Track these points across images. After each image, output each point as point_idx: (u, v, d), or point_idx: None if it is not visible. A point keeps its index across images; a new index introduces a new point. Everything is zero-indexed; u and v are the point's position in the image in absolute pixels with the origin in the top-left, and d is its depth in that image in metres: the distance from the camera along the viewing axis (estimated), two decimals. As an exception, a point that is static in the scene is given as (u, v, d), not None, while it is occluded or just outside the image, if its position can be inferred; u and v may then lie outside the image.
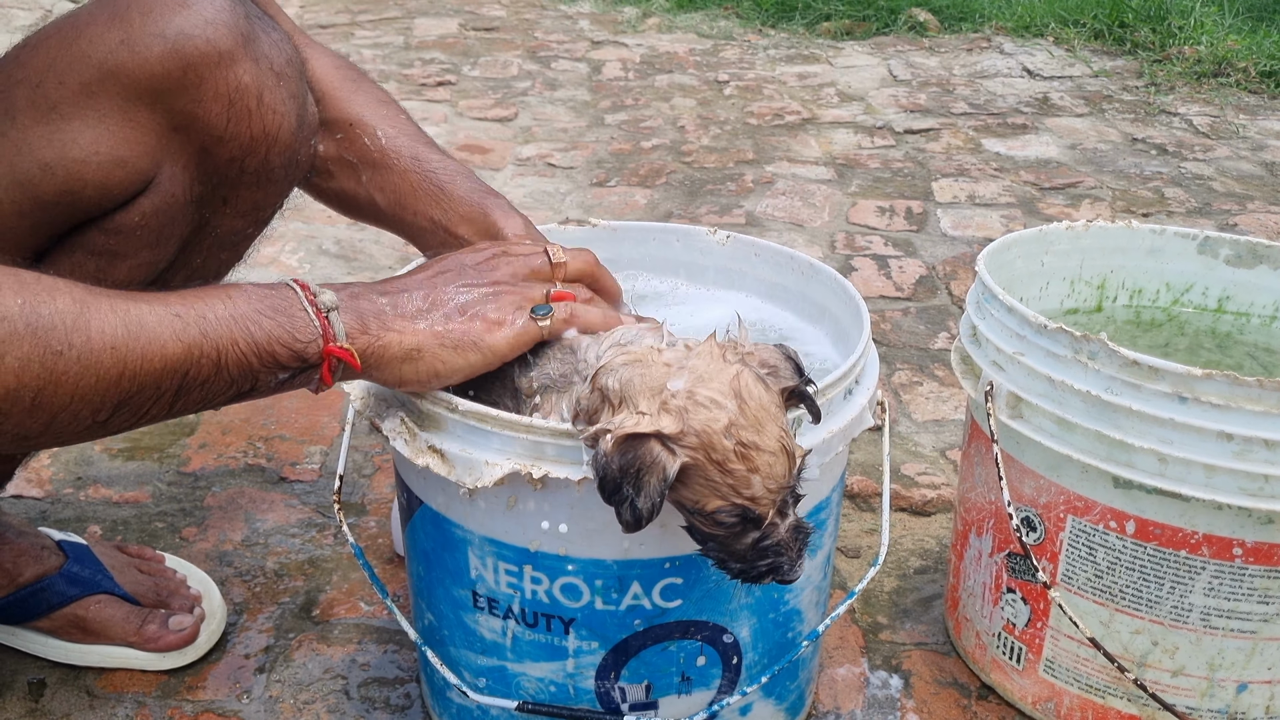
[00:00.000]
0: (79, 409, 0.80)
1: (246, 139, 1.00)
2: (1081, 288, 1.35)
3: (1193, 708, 1.11)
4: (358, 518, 1.51)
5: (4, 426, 0.78)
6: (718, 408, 0.82)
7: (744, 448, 0.81)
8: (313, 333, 0.87)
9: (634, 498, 0.81)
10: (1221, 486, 0.99)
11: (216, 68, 0.96)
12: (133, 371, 0.81)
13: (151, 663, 1.24)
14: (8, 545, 1.22)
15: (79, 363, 0.78)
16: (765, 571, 0.85)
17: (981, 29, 4.32)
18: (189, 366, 0.83)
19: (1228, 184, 2.84)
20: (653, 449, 0.81)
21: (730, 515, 0.83)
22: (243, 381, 0.86)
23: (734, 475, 0.81)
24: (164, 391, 0.83)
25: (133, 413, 0.83)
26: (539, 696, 1.03)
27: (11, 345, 0.76)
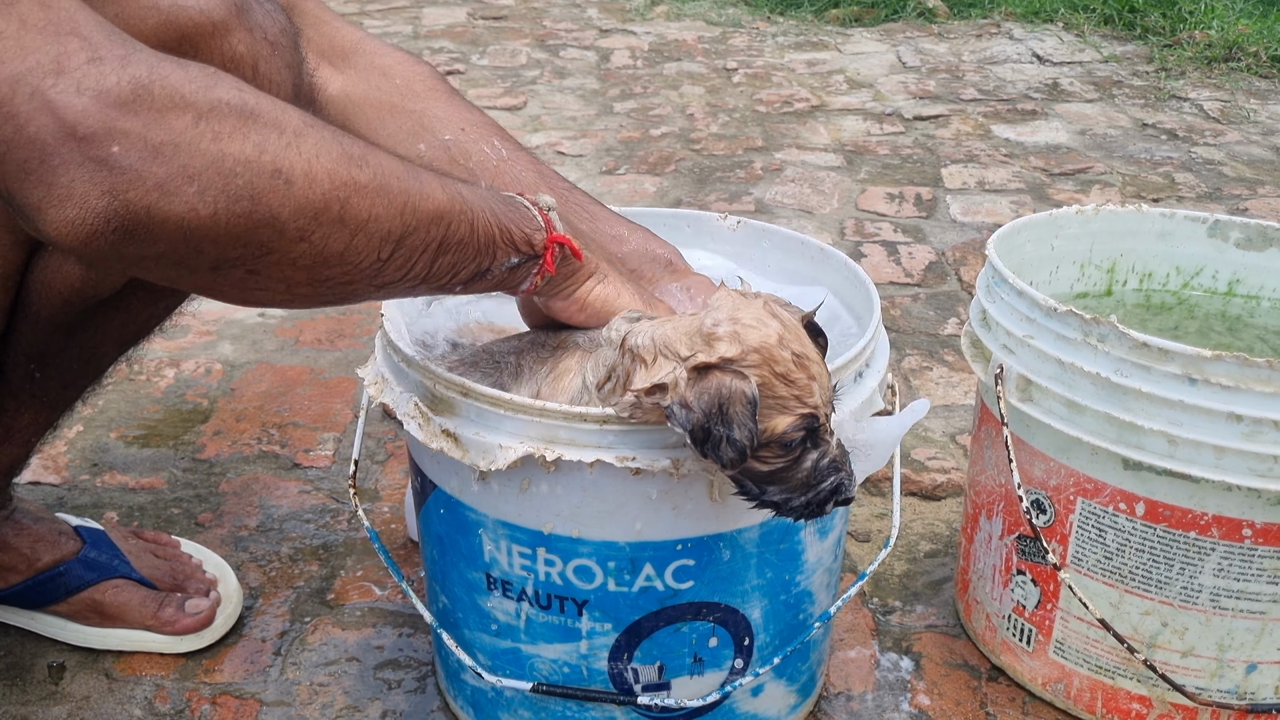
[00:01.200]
0: (373, 232, 0.79)
1: None
2: (1091, 272, 1.35)
3: (1202, 688, 1.11)
4: (371, 503, 1.52)
5: (315, 236, 0.75)
6: (765, 325, 0.84)
7: (799, 358, 0.83)
8: (537, 223, 0.91)
9: (728, 433, 0.81)
10: (1231, 467, 1.00)
11: (211, 38, 0.96)
12: (413, 205, 0.81)
13: (169, 646, 1.25)
14: (26, 531, 1.24)
15: (374, 180, 0.78)
16: (830, 493, 0.87)
17: (990, 15, 4.31)
18: (451, 219, 0.84)
19: (1238, 169, 2.84)
20: (725, 379, 0.82)
21: (798, 430, 0.84)
22: (485, 255, 0.88)
23: (797, 385, 0.83)
24: (431, 240, 0.83)
25: (406, 258, 0.82)
26: (552, 678, 1.04)
27: (324, 148, 0.76)
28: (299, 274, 0.77)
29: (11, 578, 1.23)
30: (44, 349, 1.12)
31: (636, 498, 0.93)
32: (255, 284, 0.77)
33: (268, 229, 0.73)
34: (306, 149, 0.75)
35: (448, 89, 1.16)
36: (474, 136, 1.13)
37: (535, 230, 0.91)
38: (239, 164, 0.71)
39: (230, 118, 0.71)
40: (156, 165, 0.68)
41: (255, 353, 1.91)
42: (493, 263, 0.89)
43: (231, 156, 0.71)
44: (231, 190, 0.71)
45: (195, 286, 0.79)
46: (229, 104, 0.71)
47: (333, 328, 1.99)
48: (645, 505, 0.94)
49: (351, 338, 1.96)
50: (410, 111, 1.13)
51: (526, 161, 1.14)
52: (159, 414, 1.73)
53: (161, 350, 1.91)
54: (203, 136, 0.70)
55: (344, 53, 1.16)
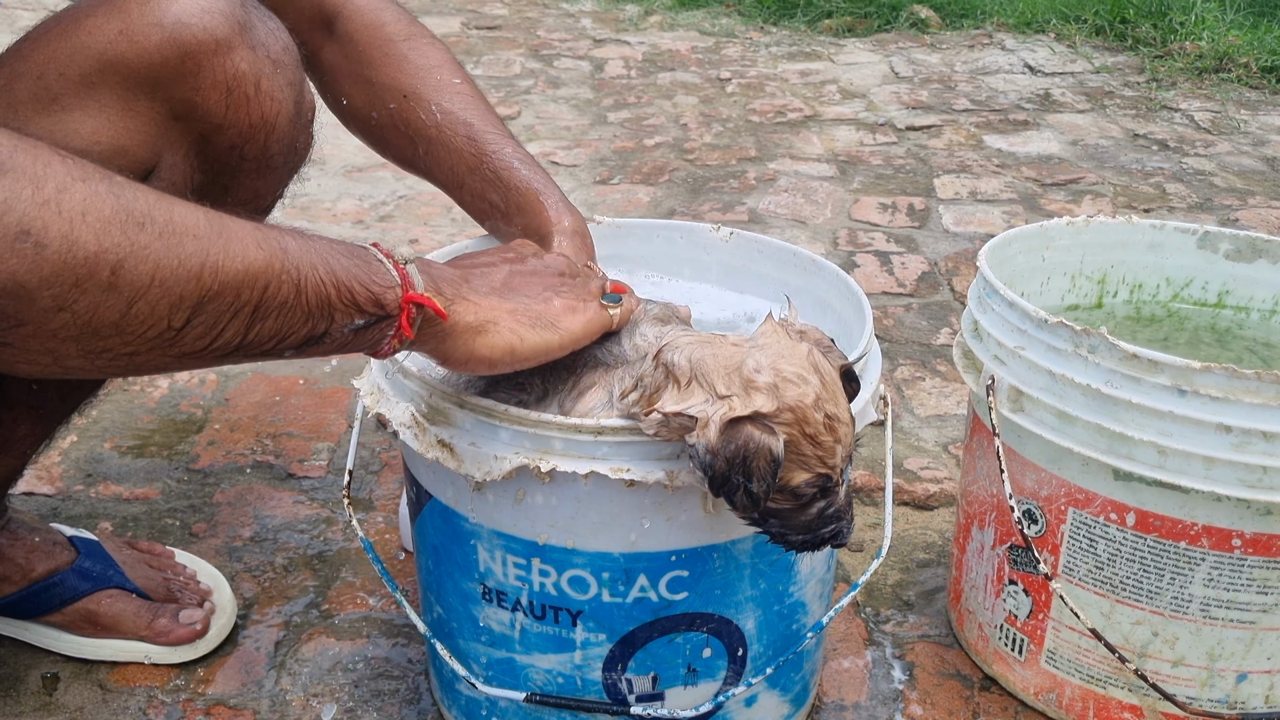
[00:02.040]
0: (156, 299, 0.70)
1: (245, 126, 1.02)
2: (1082, 283, 1.36)
3: (1193, 697, 1.12)
4: (366, 513, 1.52)
5: (78, 308, 0.67)
6: (805, 383, 0.83)
7: (830, 420, 0.83)
8: (391, 280, 0.82)
9: (746, 484, 0.82)
10: (1220, 478, 1.00)
11: (214, 55, 0.97)
12: (213, 266, 0.72)
13: (163, 656, 1.25)
14: (20, 541, 1.24)
15: (160, 239, 0.69)
16: (827, 538, 0.88)
17: (983, 25, 4.33)
18: (269, 280, 0.75)
19: (1229, 179, 2.85)
20: (754, 433, 0.82)
21: (812, 486, 0.85)
22: (319, 318, 0.79)
23: (823, 447, 0.83)
24: (243, 304, 0.74)
25: (209, 326, 0.73)
26: (547, 688, 1.05)
27: (93, 205, 0.67)
28: (65, 346, 0.69)
29: (5, 588, 1.23)
30: None
31: (631, 509, 0.94)
32: (13, 356, 0.69)
33: (11, 299, 0.65)
34: (70, 206, 0.66)
35: (407, 48, 1.19)
36: (413, 104, 1.16)
37: (386, 288, 0.81)
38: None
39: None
40: None
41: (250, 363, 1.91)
42: (330, 325, 0.79)
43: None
44: None
45: None
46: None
47: (327, 337, 1.99)
48: (639, 516, 0.94)
49: (346, 347, 1.96)
50: (367, 81, 1.18)
51: (458, 124, 1.16)
52: (153, 424, 1.73)
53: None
54: None
55: (328, 18, 1.20)
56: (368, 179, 2.78)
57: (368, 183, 2.73)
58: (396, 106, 1.17)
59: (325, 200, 2.62)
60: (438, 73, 1.19)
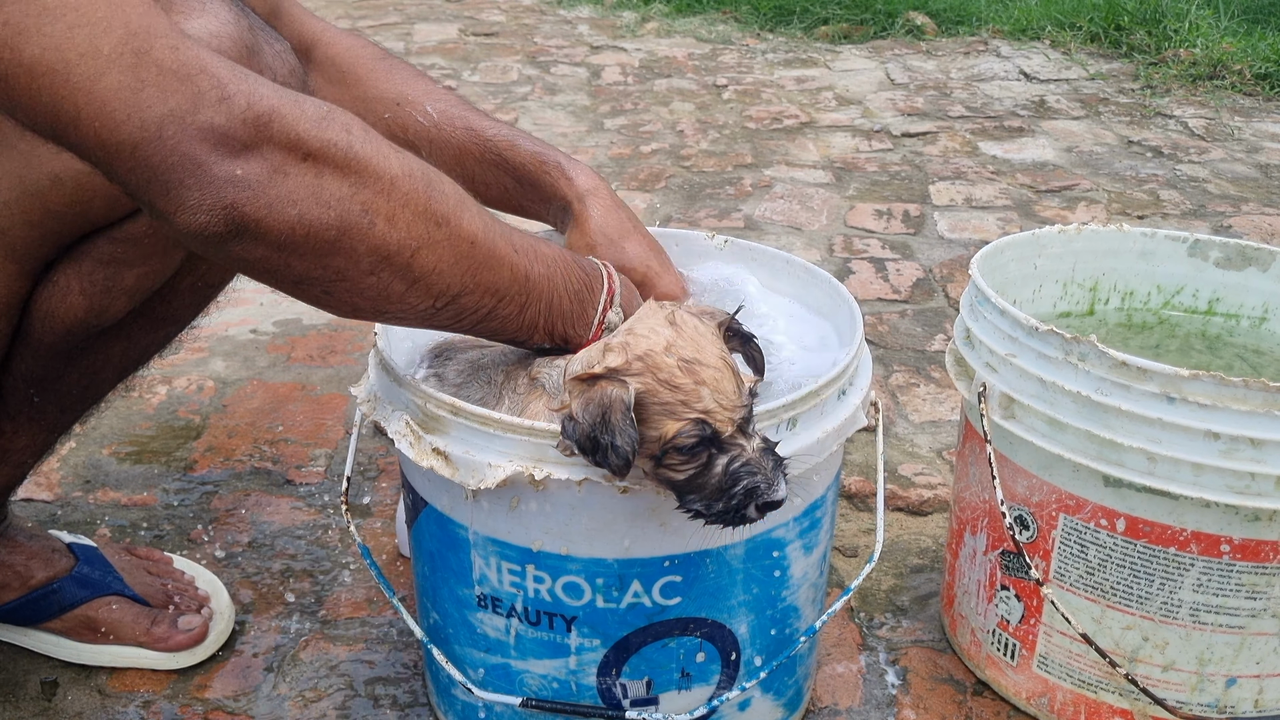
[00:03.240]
0: (432, 284, 0.87)
1: None
2: (1074, 290, 1.37)
3: (1183, 701, 1.13)
4: (363, 519, 1.53)
5: (382, 275, 0.85)
6: (655, 334, 0.88)
7: (686, 363, 0.86)
8: (586, 333, 0.99)
9: (612, 440, 0.84)
10: (1209, 484, 1.01)
11: None
12: (475, 269, 0.89)
13: (161, 662, 1.26)
14: (19, 548, 1.25)
15: (448, 240, 0.87)
16: (745, 497, 0.87)
17: (978, 32, 4.35)
18: (505, 296, 0.92)
19: (1222, 186, 2.87)
20: (606, 388, 0.86)
21: (690, 436, 0.85)
22: (522, 334, 0.97)
23: (682, 390, 0.85)
24: (482, 307, 0.92)
25: (455, 315, 0.91)
26: (542, 693, 1.05)
27: (411, 200, 0.84)
28: (365, 302, 0.87)
29: (5, 595, 1.24)
30: (44, 375, 1.13)
31: (624, 515, 0.95)
32: (328, 301, 0.87)
33: (345, 258, 0.83)
34: (396, 196, 0.83)
35: (389, 65, 1.26)
36: (407, 110, 1.22)
37: (581, 337, 0.98)
38: (334, 198, 0.81)
39: (335, 157, 0.81)
40: (270, 187, 0.78)
41: (247, 369, 1.92)
42: (528, 340, 0.98)
43: (329, 190, 0.81)
44: (325, 219, 0.81)
45: (283, 291, 0.88)
46: (336, 144, 0.81)
47: (324, 344, 2.01)
48: (633, 522, 0.95)
49: (343, 354, 1.98)
50: (355, 97, 1.23)
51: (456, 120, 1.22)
52: (151, 431, 1.73)
53: (154, 367, 1.91)
54: (309, 170, 0.80)
55: (307, 47, 1.25)
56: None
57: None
58: (391, 115, 1.22)
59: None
60: (421, 81, 1.25)
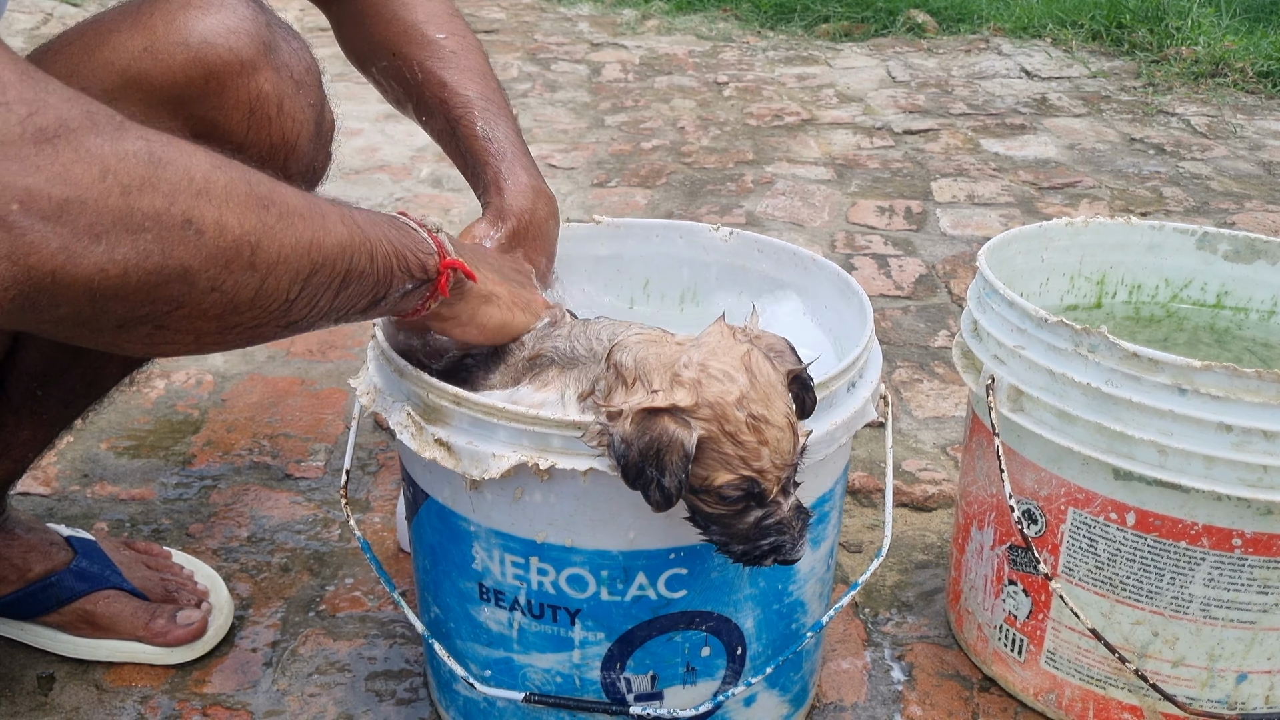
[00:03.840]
0: (281, 274, 0.76)
1: (266, 146, 1.02)
2: (1081, 284, 1.36)
3: (1193, 698, 1.12)
4: (363, 514, 1.52)
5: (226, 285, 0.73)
6: (730, 380, 0.83)
7: (755, 420, 0.82)
8: (429, 247, 0.91)
9: (659, 478, 0.81)
10: (1221, 477, 1.00)
11: (239, 76, 0.98)
12: (318, 242, 0.79)
13: (160, 657, 1.24)
14: (17, 541, 1.23)
15: (281, 220, 0.76)
16: (768, 551, 0.86)
17: (980, 30, 4.34)
18: (353, 251, 0.82)
19: (1225, 183, 2.86)
20: (668, 426, 0.82)
21: (736, 489, 0.83)
22: (383, 284, 0.86)
23: (745, 447, 0.82)
24: (337, 274, 0.81)
25: (311, 296, 0.80)
26: (545, 688, 1.04)
27: (233, 191, 0.73)
28: (209, 324, 0.75)
29: (2, 588, 1.22)
30: (48, 369, 1.12)
31: (630, 506, 0.93)
32: (162, 338, 0.74)
33: (179, 283, 0.70)
34: (216, 193, 0.72)
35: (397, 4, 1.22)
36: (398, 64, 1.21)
37: (428, 255, 0.90)
38: (148, 218, 0.67)
39: (139, 168, 0.67)
40: (60, 225, 0.63)
41: (246, 364, 1.91)
42: (389, 291, 0.87)
43: (140, 211, 0.67)
44: (141, 246, 0.67)
45: (96, 345, 0.76)
46: (136, 154, 0.68)
47: (324, 339, 1.99)
48: (638, 514, 0.94)
49: (343, 349, 1.96)
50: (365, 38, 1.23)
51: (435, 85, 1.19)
52: (149, 425, 1.72)
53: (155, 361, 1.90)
54: (110, 191, 0.66)
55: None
56: (365, 181, 2.78)
57: (365, 185, 2.73)
58: (387, 64, 1.22)
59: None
60: (424, 29, 1.22)
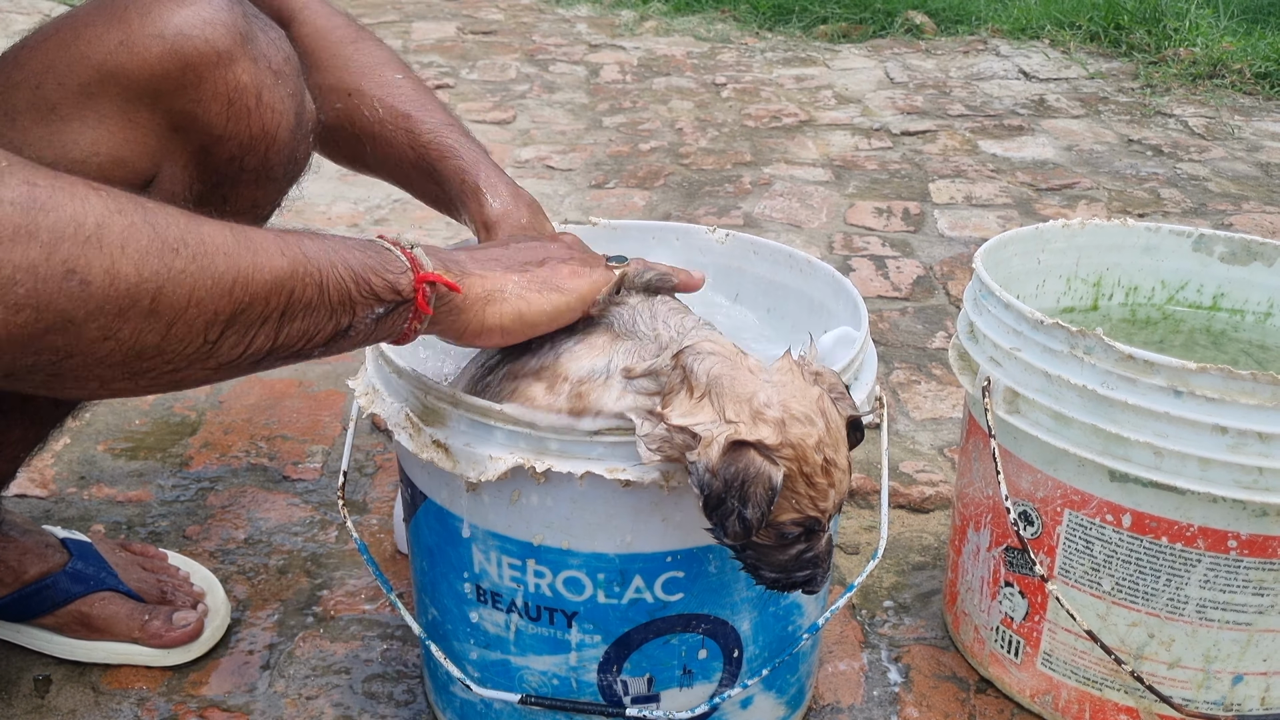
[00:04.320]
0: (193, 319, 0.74)
1: (246, 138, 1.01)
2: (1078, 285, 1.36)
3: (1189, 699, 1.12)
4: (360, 516, 1.52)
5: (123, 336, 0.71)
6: (811, 424, 0.84)
7: (828, 464, 0.84)
8: (402, 265, 0.86)
9: (741, 509, 0.82)
10: (1216, 479, 1.00)
11: (215, 67, 0.97)
12: (244, 279, 0.75)
13: (156, 659, 1.24)
14: (12, 543, 1.23)
15: (194, 262, 0.73)
16: (800, 582, 0.88)
17: (977, 31, 4.34)
18: (294, 284, 0.79)
19: (1223, 184, 2.86)
20: (755, 460, 0.82)
21: (797, 525, 0.85)
22: (342, 312, 0.82)
23: (817, 489, 0.84)
24: (271, 310, 0.78)
25: (241, 335, 0.77)
26: (542, 690, 1.04)
27: (131, 238, 0.70)
28: (111, 371, 0.73)
29: None
30: None
31: (626, 509, 0.93)
32: (62, 385, 0.73)
33: (60, 334, 0.68)
34: (110, 240, 0.69)
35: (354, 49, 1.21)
36: (355, 104, 1.18)
37: (401, 272, 0.86)
38: (20, 271, 0.65)
39: (15, 216, 0.65)
40: None
41: (244, 365, 1.91)
42: (353, 318, 0.84)
43: (11, 264, 0.65)
44: (10, 300, 0.65)
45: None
46: (13, 202, 0.65)
47: (322, 341, 1.99)
48: (635, 517, 0.94)
49: (340, 351, 1.96)
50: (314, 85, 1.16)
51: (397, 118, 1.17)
52: (146, 426, 1.72)
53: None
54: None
55: (285, 22, 1.20)
56: (363, 182, 2.77)
57: (362, 186, 2.73)
58: (342, 106, 1.19)
59: (320, 204, 2.61)
60: (380, 71, 1.21)
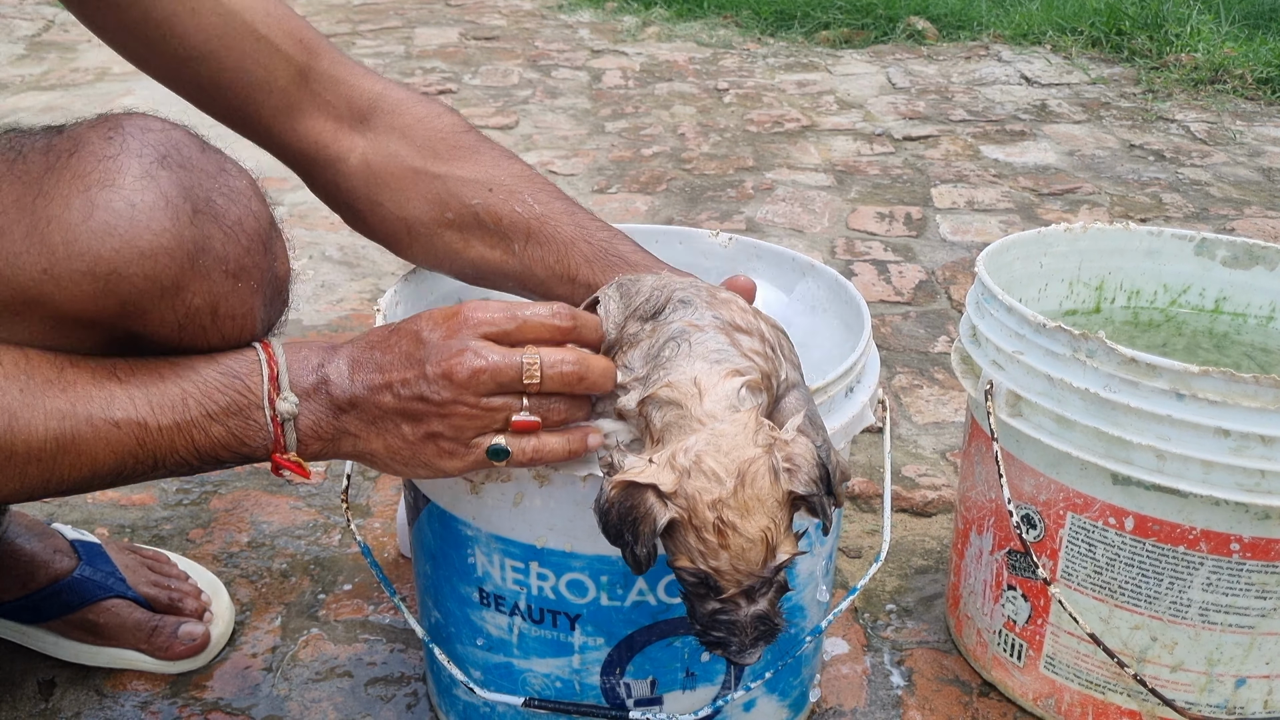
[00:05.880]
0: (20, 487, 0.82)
1: (204, 347, 0.88)
2: (1080, 289, 1.36)
3: (1192, 702, 1.12)
4: (363, 519, 1.52)
5: None
6: (715, 482, 0.82)
7: (723, 524, 0.82)
8: (264, 439, 0.86)
9: (632, 543, 0.82)
10: (1219, 482, 1.00)
11: (160, 300, 0.83)
12: (63, 471, 0.82)
13: (161, 667, 1.25)
14: (20, 552, 1.23)
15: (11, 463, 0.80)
16: (713, 643, 0.85)
17: (979, 37, 4.35)
18: (123, 469, 0.84)
19: (1225, 189, 2.86)
20: (647, 499, 0.82)
21: (693, 576, 0.83)
22: (181, 469, 0.87)
23: (706, 545, 0.82)
24: (101, 478, 0.84)
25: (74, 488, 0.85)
26: (545, 693, 1.04)
27: None
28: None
29: (3, 595, 1.23)
30: None
31: (629, 511, 0.93)
32: None
33: None
34: None
35: (475, 140, 1.09)
36: (502, 197, 1.06)
37: (259, 446, 0.86)
38: None
39: None
40: None
41: (247, 370, 1.91)
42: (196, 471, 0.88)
43: None
44: None
45: None
46: None
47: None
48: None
49: (343, 355, 1.96)
50: (434, 176, 1.06)
51: (562, 214, 1.07)
52: (150, 430, 1.72)
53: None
54: None
55: (362, 114, 1.07)
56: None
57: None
58: (480, 202, 1.05)
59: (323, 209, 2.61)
60: (513, 163, 1.10)
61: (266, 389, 0.85)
